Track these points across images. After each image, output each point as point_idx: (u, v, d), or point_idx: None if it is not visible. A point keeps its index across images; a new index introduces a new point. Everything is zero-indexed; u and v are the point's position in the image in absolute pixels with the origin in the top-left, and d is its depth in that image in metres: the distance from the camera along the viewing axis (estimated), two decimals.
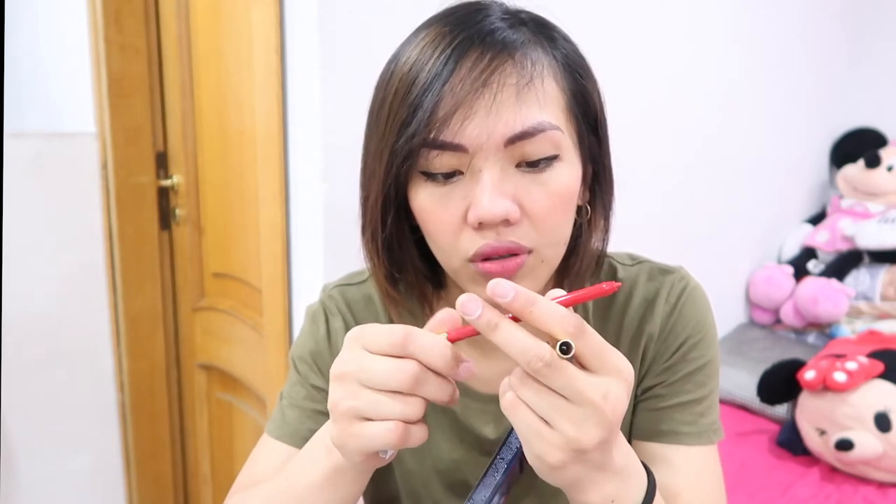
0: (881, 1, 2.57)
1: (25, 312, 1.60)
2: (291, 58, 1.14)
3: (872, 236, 2.19)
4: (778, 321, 2.30)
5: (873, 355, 1.59)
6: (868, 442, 1.47)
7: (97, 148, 1.64)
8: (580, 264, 0.62)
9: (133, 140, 1.63)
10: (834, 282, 2.16)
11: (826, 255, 2.35)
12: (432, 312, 0.66)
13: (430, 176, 0.54)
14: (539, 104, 0.53)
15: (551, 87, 0.54)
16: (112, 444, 1.77)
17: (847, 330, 2.13)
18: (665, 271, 0.69)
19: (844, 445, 1.48)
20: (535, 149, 0.53)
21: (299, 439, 0.66)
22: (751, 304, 2.36)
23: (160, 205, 1.69)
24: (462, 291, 0.64)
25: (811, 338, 2.19)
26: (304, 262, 1.20)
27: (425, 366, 0.45)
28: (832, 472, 1.57)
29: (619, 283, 0.47)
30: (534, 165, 0.54)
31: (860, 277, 2.21)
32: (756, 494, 1.50)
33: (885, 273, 2.18)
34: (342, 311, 0.71)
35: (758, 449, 1.68)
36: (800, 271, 2.31)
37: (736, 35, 2.01)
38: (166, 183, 1.67)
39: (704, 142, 1.97)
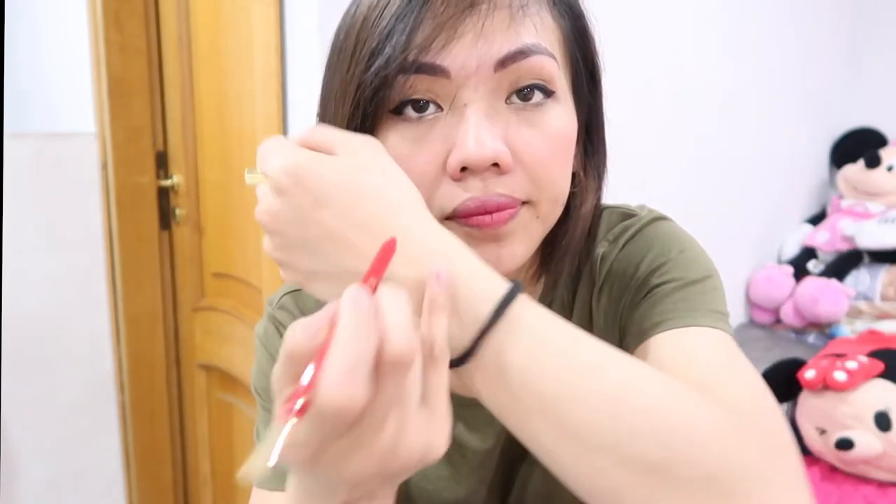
0: (882, 1, 2.57)
1: (25, 312, 1.60)
2: (291, 58, 1.14)
3: (872, 236, 2.19)
4: (778, 321, 2.30)
5: (873, 355, 1.59)
6: (868, 441, 1.47)
7: (97, 148, 1.64)
8: (573, 233, 0.53)
9: (133, 140, 1.63)
10: (834, 282, 2.16)
11: (826, 255, 2.35)
12: None
13: (401, 113, 0.46)
14: (536, 31, 0.45)
15: (548, 20, 0.47)
16: (112, 444, 1.77)
17: (847, 330, 2.13)
18: (624, 227, 0.58)
19: (844, 444, 1.48)
20: (528, 73, 0.45)
21: None
22: (751, 304, 2.36)
23: (160, 205, 1.69)
24: None
25: (811, 338, 2.19)
26: None
27: None
28: (832, 471, 1.57)
29: None
30: (526, 99, 0.46)
31: (860, 277, 2.21)
32: None
33: (885, 273, 2.18)
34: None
35: None
36: (800, 271, 2.31)
37: (736, 35, 2.00)
38: (166, 183, 1.67)
39: (704, 142, 1.97)
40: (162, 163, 1.67)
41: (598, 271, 0.58)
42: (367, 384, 0.30)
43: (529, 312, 0.39)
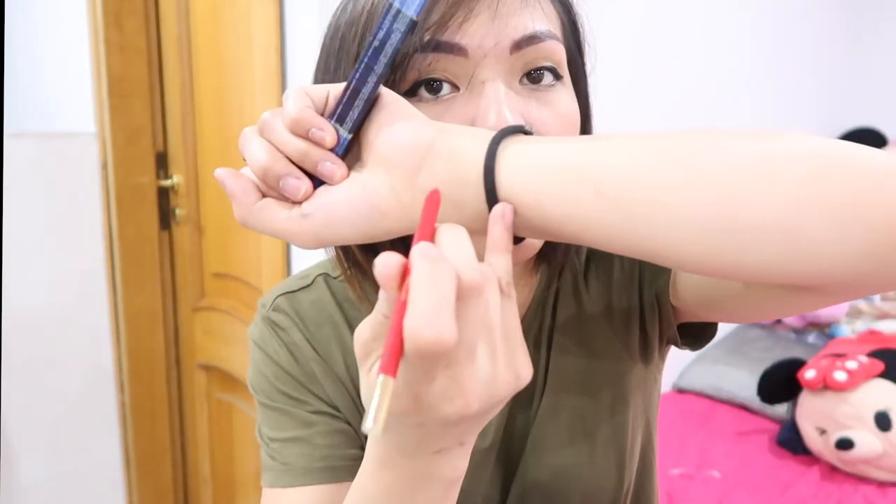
0: (882, 1, 2.57)
1: (26, 312, 1.60)
2: (291, 58, 1.14)
3: None
4: (778, 321, 2.30)
5: (873, 355, 1.59)
6: (868, 441, 1.47)
7: (97, 148, 1.64)
8: None
9: (133, 140, 1.63)
10: None
11: None
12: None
13: (415, 94, 0.45)
14: (545, 16, 0.47)
15: (550, 9, 0.49)
16: (112, 444, 1.77)
17: (847, 330, 2.13)
18: None
19: (845, 444, 1.48)
20: (541, 56, 0.46)
21: (324, 472, 0.55)
22: None
23: (160, 205, 1.69)
24: None
25: (811, 338, 2.19)
26: (303, 262, 1.20)
27: None
28: (832, 471, 1.57)
29: None
30: (537, 81, 0.47)
31: None
32: (756, 494, 1.50)
33: None
34: (296, 322, 0.61)
35: (758, 449, 1.68)
36: None
37: (736, 36, 2.01)
38: (166, 183, 1.67)
39: None
40: (162, 163, 1.67)
41: (577, 262, 0.59)
42: (454, 321, 0.31)
43: (522, 147, 0.38)
